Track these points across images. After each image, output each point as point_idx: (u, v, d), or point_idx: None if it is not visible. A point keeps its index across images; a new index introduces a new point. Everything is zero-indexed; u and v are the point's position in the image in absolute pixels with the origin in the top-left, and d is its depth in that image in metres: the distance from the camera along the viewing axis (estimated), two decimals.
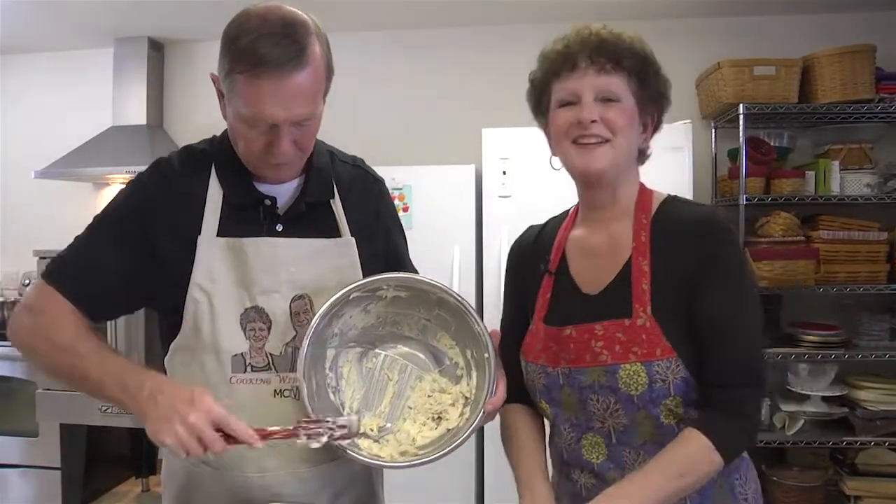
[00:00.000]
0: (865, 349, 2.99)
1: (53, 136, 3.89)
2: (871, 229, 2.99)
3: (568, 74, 1.14)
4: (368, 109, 3.71)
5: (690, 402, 1.08)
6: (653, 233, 1.14)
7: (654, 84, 1.17)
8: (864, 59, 2.95)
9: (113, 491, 3.66)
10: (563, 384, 1.15)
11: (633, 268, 1.12)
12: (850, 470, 2.97)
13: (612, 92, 1.12)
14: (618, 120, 1.12)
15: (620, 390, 1.08)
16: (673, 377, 1.06)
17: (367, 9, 3.43)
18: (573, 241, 1.23)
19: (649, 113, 1.18)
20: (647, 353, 1.07)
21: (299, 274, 1.20)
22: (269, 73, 1.04)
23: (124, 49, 3.81)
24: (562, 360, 1.15)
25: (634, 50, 1.14)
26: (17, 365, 3.43)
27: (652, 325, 1.07)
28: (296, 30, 1.07)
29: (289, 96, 1.06)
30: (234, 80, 1.07)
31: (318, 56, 1.09)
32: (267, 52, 1.04)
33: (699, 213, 1.15)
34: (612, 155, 1.12)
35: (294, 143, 1.13)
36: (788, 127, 3.30)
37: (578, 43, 1.14)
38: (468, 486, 3.04)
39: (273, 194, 1.21)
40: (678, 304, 1.08)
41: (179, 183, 1.20)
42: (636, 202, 1.18)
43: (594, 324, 1.12)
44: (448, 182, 3.08)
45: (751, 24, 3.38)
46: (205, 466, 1.21)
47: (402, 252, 1.39)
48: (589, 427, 1.15)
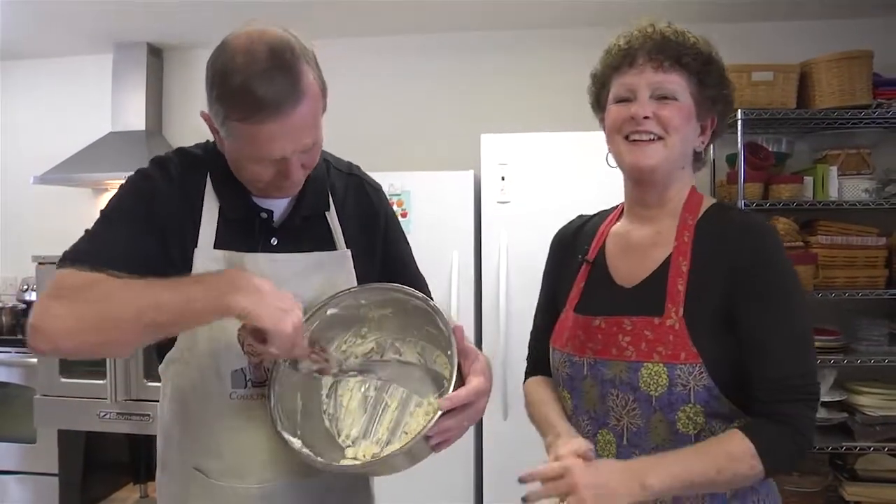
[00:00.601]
0: (864, 354, 2.98)
1: (52, 141, 3.89)
2: (870, 234, 2.99)
3: (626, 70, 1.14)
4: (367, 115, 3.72)
5: (714, 414, 1.06)
6: (696, 235, 1.12)
7: (715, 86, 1.16)
8: (861, 65, 2.95)
9: (111, 497, 3.64)
10: (586, 374, 1.14)
11: (672, 266, 1.11)
12: (849, 475, 2.96)
13: (669, 89, 1.12)
14: (672, 118, 1.11)
15: (640, 389, 1.07)
16: (695, 384, 1.04)
17: (366, 14, 3.43)
18: (614, 235, 1.23)
19: (708, 115, 1.17)
20: (670, 356, 1.05)
21: (297, 289, 1.17)
22: (270, 116, 1.01)
23: (123, 55, 3.81)
24: (588, 349, 1.14)
25: (697, 49, 1.13)
26: (15, 371, 3.42)
27: (681, 327, 1.06)
28: (285, 60, 1.02)
29: (293, 132, 1.04)
30: (232, 126, 1.04)
31: (312, 81, 1.06)
32: (263, 94, 0.99)
33: (746, 220, 1.13)
34: (664, 153, 1.11)
35: (302, 165, 1.11)
36: (787, 132, 3.31)
37: (640, 39, 1.14)
38: (467, 486, 3.04)
39: (270, 208, 1.19)
40: (711, 311, 1.06)
41: (180, 183, 1.16)
42: (684, 204, 1.16)
43: (623, 317, 1.11)
44: (447, 188, 3.08)
45: (749, 30, 3.39)
46: (201, 476, 1.19)
47: (406, 259, 1.36)
48: (605, 423, 1.13)
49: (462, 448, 3.03)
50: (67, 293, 1.01)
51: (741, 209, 1.23)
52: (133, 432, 3.32)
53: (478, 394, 1.04)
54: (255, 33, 1.04)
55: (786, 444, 1.02)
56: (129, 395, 3.22)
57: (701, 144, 1.18)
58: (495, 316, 2.96)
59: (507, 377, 2.92)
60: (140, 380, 3.22)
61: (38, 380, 3.30)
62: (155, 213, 1.13)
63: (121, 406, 3.21)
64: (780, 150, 3.22)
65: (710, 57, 1.15)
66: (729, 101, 1.19)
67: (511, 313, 2.91)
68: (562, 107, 3.27)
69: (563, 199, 2.89)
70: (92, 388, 3.22)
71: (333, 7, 3.30)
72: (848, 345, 3.03)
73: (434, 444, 1.02)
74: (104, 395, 3.19)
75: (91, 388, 3.22)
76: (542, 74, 3.60)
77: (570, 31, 3.56)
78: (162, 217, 1.13)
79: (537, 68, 3.61)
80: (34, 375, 3.33)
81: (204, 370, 1.17)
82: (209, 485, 1.19)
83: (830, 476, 3.00)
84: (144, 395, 3.22)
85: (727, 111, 1.20)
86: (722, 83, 1.17)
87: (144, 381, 3.22)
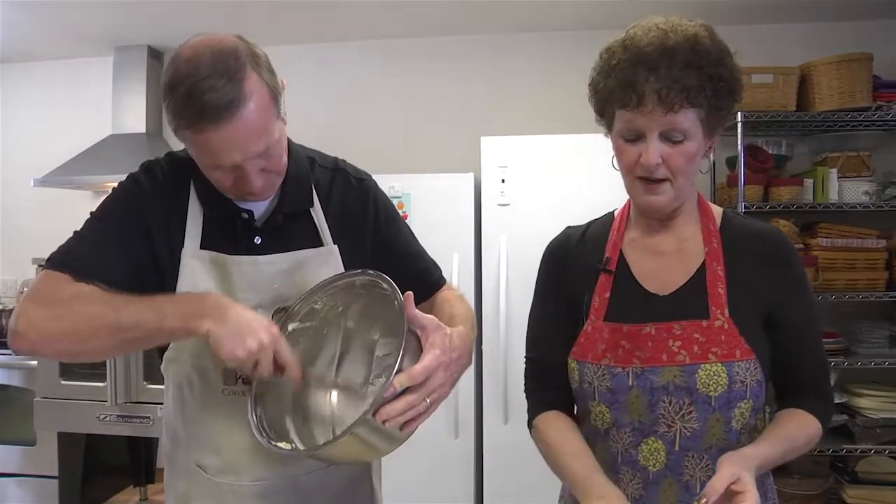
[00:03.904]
0: (865, 357, 2.98)
1: (53, 144, 3.90)
2: (870, 237, 2.99)
3: (634, 109, 1.06)
4: (367, 118, 3.72)
5: (758, 408, 1.13)
6: (723, 240, 1.16)
7: (727, 93, 1.09)
8: (861, 68, 2.95)
9: (111, 500, 3.64)
10: (632, 385, 1.12)
11: (708, 272, 1.14)
12: (850, 478, 2.96)
13: (680, 129, 1.06)
14: (680, 163, 1.08)
15: (698, 391, 1.08)
16: (751, 379, 1.09)
17: (365, 18, 3.43)
18: (632, 242, 1.21)
19: (719, 123, 1.13)
20: (726, 354, 1.08)
21: (283, 289, 1.19)
22: (213, 124, 1.01)
23: (124, 58, 3.82)
24: (635, 358, 1.12)
25: (714, 77, 1.05)
26: (15, 373, 3.42)
27: (730, 326, 1.09)
28: (227, 66, 1.01)
29: (239, 139, 1.04)
30: (183, 135, 1.06)
31: (256, 86, 1.04)
32: (205, 102, 1.00)
33: (764, 227, 1.19)
34: (673, 193, 1.12)
35: (263, 171, 1.11)
36: (786, 135, 3.31)
37: (645, 72, 1.04)
38: (467, 490, 3.03)
39: (249, 208, 1.20)
40: (752, 311, 1.12)
41: (167, 187, 1.19)
42: (700, 210, 1.20)
43: (672, 323, 1.11)
44: (447, 190, 3.09)
45: (748, 32, 3.39)
46: (202, 473, 1.20)
47: (404, 241, 1.34)
48: (653, 431, 1.12)
49: (463, 452, 3.03)
50: (48, 299, 1.06)
51: (748, 217, 1.25)
52: (133, 435, 3.32)
53: (427, 370, 0.99)
54: (201, 41, 1.05)
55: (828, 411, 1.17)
56: (129, 397, 3.22)
57: (709, 150, 1.16)
58: (495, 318, 2.96)
59: (507, 381, 2.92)
60: (140, 382, 3.22)
61: (39, 382, 3.30)
62: (141, 215, 1.16)
63: (121, 409, 3.20)
64: (779, 152, 3.22)
65: (720, 60, 1.07)
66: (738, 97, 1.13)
67: (511, 315, 2.91)
68: (561, 109, 3.28)
69: (563, 202, 2.90)
70: (92, 390, 3.21)
71: (333, 11, 3.30)
72: (848, 347, 3.04)
73: (402, 426, 0.99)
74: (104, 398, 3.19)
75: (91, 390, 3.22)
76: (543, 77, 3.60)
77: (570, 34, 3.56)
78: (148, 219, 1.16)
79: (537, 71, 3.62)
80: (34, 378, 3.33)
81: (197, 367, 1.19)
82: (209, 482, 1.20)
83: (831, 479, 3.00)
84: (144, 398, 3.21)
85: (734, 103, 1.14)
86: (733, 84, 1.09)
87: (144, 384, 3.22)
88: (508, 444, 2.91)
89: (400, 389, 0.96)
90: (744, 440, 1.11)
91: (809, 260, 2.90)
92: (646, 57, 1.05)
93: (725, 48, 1.10)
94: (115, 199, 1.19)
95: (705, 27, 1.09)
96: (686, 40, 1.06)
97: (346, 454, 1.05)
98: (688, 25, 1.08)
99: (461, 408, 2.99)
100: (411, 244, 1.36)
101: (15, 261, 3.90)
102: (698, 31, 1.08)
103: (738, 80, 1.11)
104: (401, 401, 0.97)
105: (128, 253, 1.14)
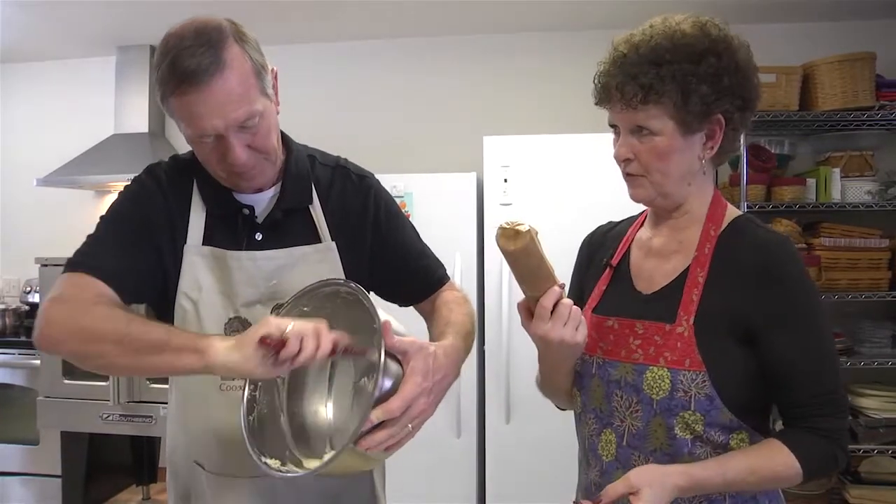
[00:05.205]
0: (867, 357, 2.98)
1: (55, 143, 3.91)
2: (873, 237, 2.98)
3: (607, 105, 1.12)
4: (369, 118, 3.72)
5: (714, 424, 1.06)
6: (717, 247, 1.12)
7: (711, 82, 1.05)
8: (864, 67, 2.95)
9: (114, 499, 3.65)
10: (594, 373, 1.16)
11: (689, 276, 1.11)
12: (853, 478, 2.96)
13: (645, 128, 1.08)
14: (650, 160, 1.09)
15: (644, 391, 1.09)
16: (696, 391, 1.05)
17: (367, 18, 3.44)
18: (639, 241, 1.24)
19: (705, 120, 1.08)
20: (676, 361, 1.07)
21: (281, 285, 1.20)
22: (193, 86, 1.05)
23: (126, 57, 3.83)
24: (599, 349, 1.16)
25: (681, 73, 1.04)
26: (18, 373, 3.43)
27: (689, 335, 1.07)
28: (210, 37, 1.07)
29: (219, 103, 1.06)
30: (168, 103, 1.10)
31: (236, 55, 1.09)
32: (185, 66, 1.05)
33: (765, 237, 1.11)
34: (650, 189, 1.12)
35: (248, 147, 1.12)
36: (789, 134, 3.30)
37: (612, 71, 1.09)
38: (470, 489, 3.03)
39: (251, 203, 1.22)
40: (722, 323, 1.06)
41: (171, 188, 1.22)
42: (709, 212, 1.15)
43: (636, 321, 1.13)
44: (449, 190, 3.09)
45: (751, 31, 3.33)
46: (203, 471, 1.21)
47: (405, 239, 1.35)
48: (609, 423, 1.15)
49: (465, 451, 3.03)
50: (69, 299, 1.09)
51: (766, 226, 1.15)
52: (136, 434, 3.33)
53: (405, 402, 0.99)
54: (189, 20, 1.11)
55: (824, 450, 1.05)
56: (132, 397, 3.23)
57: (710, 150, 1.11)
58: (498, 318, 2.96)
59: (510, 381, 2.92)
60: (143, 382, 3.23)
61: (42, 381, 3.31)
62: (147, 215, 1.20)
63: (123, 408, 3.21)
64: (782, 152, 3.21)
65: (701, 54, 1.05)
66: (741, 89, 1.09)
67: (513, 315, 2.91)
68: (564, 109, 3.28)
69: (565, 201, 2.90)
70: (95, 389, 3.22)
71: (337, 10, 3.31)
72: (851, 347, 3.03)
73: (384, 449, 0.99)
74: (107, 397, 3.20)
75: (94, 389, 3.23)
76: (545, 77, 3.60)
77: (573, 33, 3.56)
78: (153, 218, 1.20)
79: (540, 71, 3.62)
80: (37, 377, 3.34)
81: None
82: (208, 478, 1.22)
83: (834, 479, 2.99)
84: (147, 397, 3.22)
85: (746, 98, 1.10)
86: (719, 76, 1.05)
87: (147, 384, 3.23)
88: (510, 443, 2.92)
89: (377, 422, 0.96)
90: (701, 455, 1.07)
91: (812, 259, 2.90)
92: (616, 55, 1.09)
93: (720, 45, 1.07)
94: (122, 202, 1.23)
95: (698, 24, 1.08)
96: (664, 38, 1.07)
97: (334, 472, 1.07)
98: (675, 21, 1.08)
99: (463, 407, 2.99)
100: (414, 242, 1.37)
101: (18, 260, 3.91)
102: (683, 27, 1.07)
103: (724, 77, 1.06)
104: (382, 431, 0.97)
105: (138, 253, 1.18)
